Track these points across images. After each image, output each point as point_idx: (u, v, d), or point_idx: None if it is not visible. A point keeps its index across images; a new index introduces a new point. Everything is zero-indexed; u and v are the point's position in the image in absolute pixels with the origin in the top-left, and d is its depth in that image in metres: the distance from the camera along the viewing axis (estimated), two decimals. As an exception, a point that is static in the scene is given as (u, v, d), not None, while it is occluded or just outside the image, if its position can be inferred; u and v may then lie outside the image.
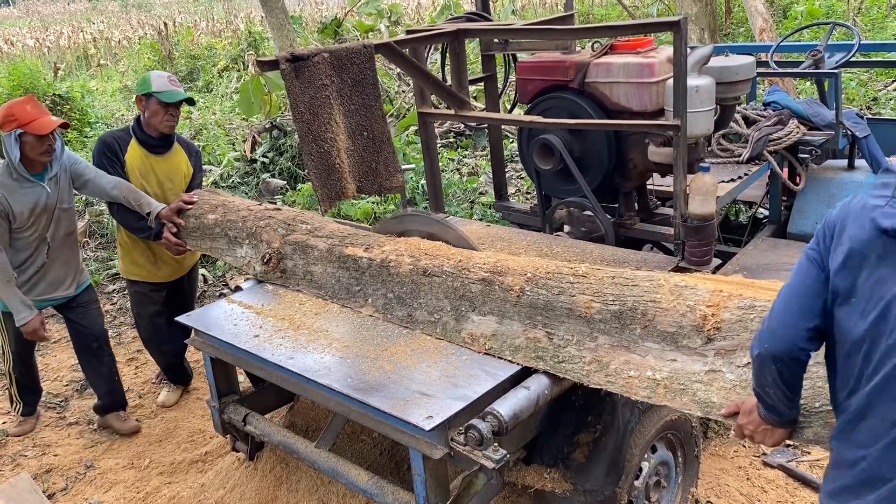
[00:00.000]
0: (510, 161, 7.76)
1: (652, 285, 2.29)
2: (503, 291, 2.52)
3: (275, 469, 3.21)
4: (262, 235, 3.28)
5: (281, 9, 6.58)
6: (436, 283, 2.69)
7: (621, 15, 14.44)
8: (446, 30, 3.78)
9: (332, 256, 3.03)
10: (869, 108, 8.43)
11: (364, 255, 2.93)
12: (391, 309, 2.82)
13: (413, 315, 2.75)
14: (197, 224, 3.60)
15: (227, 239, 3.46)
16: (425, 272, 2.73)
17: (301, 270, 3.14)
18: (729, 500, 3.16)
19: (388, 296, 2.83)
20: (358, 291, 2.93)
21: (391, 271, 2.82)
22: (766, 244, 4.41)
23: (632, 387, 2.21)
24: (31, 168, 3.57)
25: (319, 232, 3.15)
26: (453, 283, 2.64)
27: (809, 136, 4.34)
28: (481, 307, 2.58)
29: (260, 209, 3.44)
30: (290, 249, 3.18)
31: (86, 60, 19.52)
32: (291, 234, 3.21)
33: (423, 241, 2.91)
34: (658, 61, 3.44)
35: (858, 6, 12.94)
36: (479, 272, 2.60)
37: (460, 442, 2.22)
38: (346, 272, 2.98)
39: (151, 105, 3.76)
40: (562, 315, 2.39)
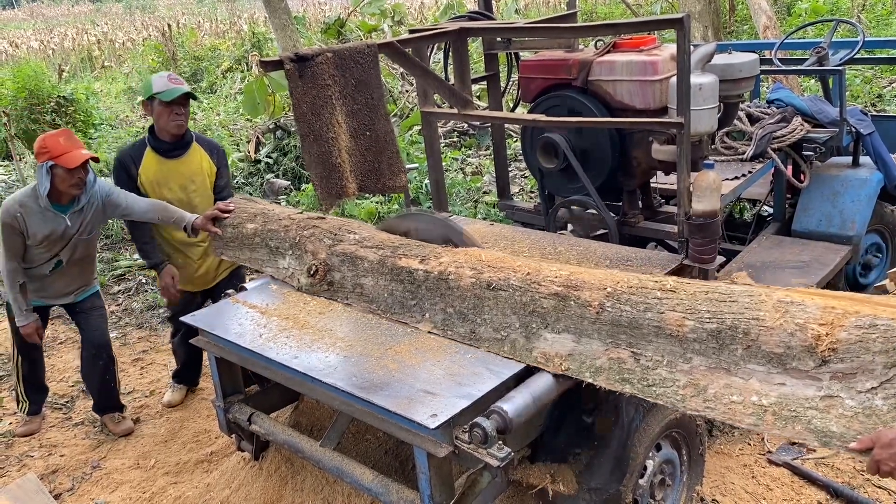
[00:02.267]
0: (514, 160, 7.76)
1: (753, 301, 2.11)
2: (580, 307, 2.34)
3: (280, 468, 3.21)
4: (307, 246, 3.13)
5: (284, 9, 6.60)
6: (502, 298, 2.52)
7: (625, 13, 14.42)
8: (449, 29, 3.78)
9: (384, 268, 2.86)
10: (874, 106, 8.40)
11: (419, 268, 2.76)
12: (452, 325, 2.65)
13: (477, 332, 2.58)
14: (235, 233, 3.46)
15: (268, 249, 3.31)
16: (489, 286, 2.55)
17: (350, 283, 2.98)
18: (734, 498, 3.15)
19: (448, 311, 2.66)
20: (414, 306, 2.76)
21: (451, 284, 2.65)
22: (771, 242, 4.41)
23: (735, 413, 2.04)
24: (59, 200, 3.63)
25: (369, 242, 2.99)
26: (522, 298, 2.47)
27: (813, 133, 4.34)
28: (555, 324, 2.40)
29: (302, 218, 3.30)
30: (337, 261, 3.03)
31: (90, 62, 19.58)
32: (338, 244, 3.05)
33: (483, 252, 2.75)
34: (661, 59, 3.43)
35: (863, 3, 12.89)
36: (551, 286, 2.43)
37: (465, 440, 2.22)
38: (400, 285, 2.80)
39: (156, 107, 3.75)
40: (649, 334, 2.22)
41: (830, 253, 4.19)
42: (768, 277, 3.97)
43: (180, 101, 3.74)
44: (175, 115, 3.75)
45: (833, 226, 4.31)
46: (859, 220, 4.27)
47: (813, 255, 4.19)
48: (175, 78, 3.81)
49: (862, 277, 4.65)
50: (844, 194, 4.34)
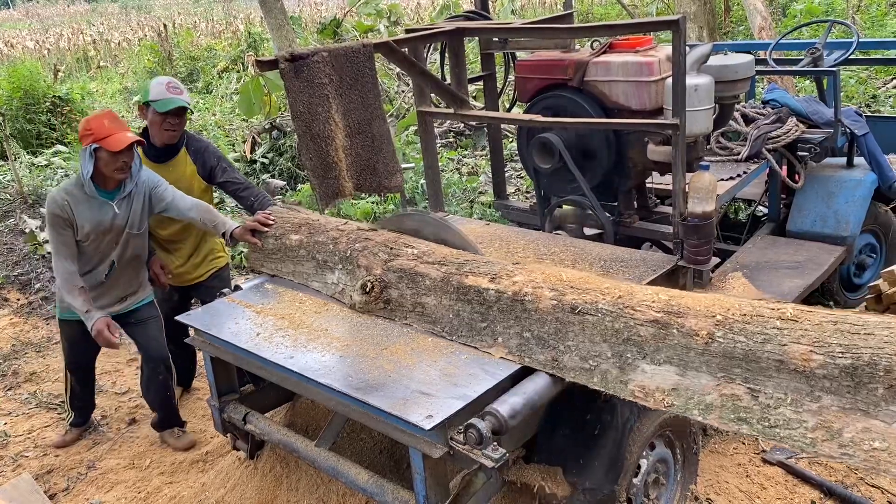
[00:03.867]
0: (510, 160, 7.77)
1: (892, 334, 1.90)
2: (684, 336, 2.14)
3: (275, 468, 3.21)
4: (360, 260, 2.93)
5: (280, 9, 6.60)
6: (589, 323, 2.31)
7: (620, 14, 14.45)
8: (445, 28, 3.79)
9: (449, 287, 2.66)
10: (868, 106, 8.43)
11: (490, 287, 2.56)
12: (529, 351, 2.44)
13: (560, 360, 2.37)
14: (278, 245, 3.27)
15: (315, 263, 3.12)
16: (574, 309, 2.35)
17: (409, 302, 2.78)
18: (728, 497, 3.16)
19: (525, 335, 2.45)
20: (484, 329, 2.56)
21: (527, 307, 2.45)
22: (766, 242, 4.42)
23: (879, 462, 1.85)
24: (104, 185, 3.44)
25: (429, 257, 2.81)
26: (614, 324, 2.26)
27: (808, 133, 4.36)
28: (654, 355, 2.19)
29: (352, 229, 3.11)
30: (394, 277, 2.83)
31: (86, 62, 19.54)
32: (395, 259, 2.86)
33: (563, 271, 2.56)
34: (657, 60, 3.44)
35: (858, 4, 12.93)
36: (649, 312, 2.22)
37: (460, 441, 2.22)
38: (468, 305, 2.60)
39: (150, 114, 3.69)
40: (769, 368, 2.01)
41: (825, 253, 4.21)
42: (763, 278, 3.99)
43: (175, 112, 3.67)
44: (168, 124, 3.69)
45: (827, 226, 4.32)
46: (853, 220, 4.29)
47: (807, 255, 4.21)
48: (174, 87, 3.72)
49: (856, 278, 4.67)
50: (839, 195, 4.35)
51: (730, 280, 3.96)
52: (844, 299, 4.57)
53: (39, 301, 6.10)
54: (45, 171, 8.86)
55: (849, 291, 4.64)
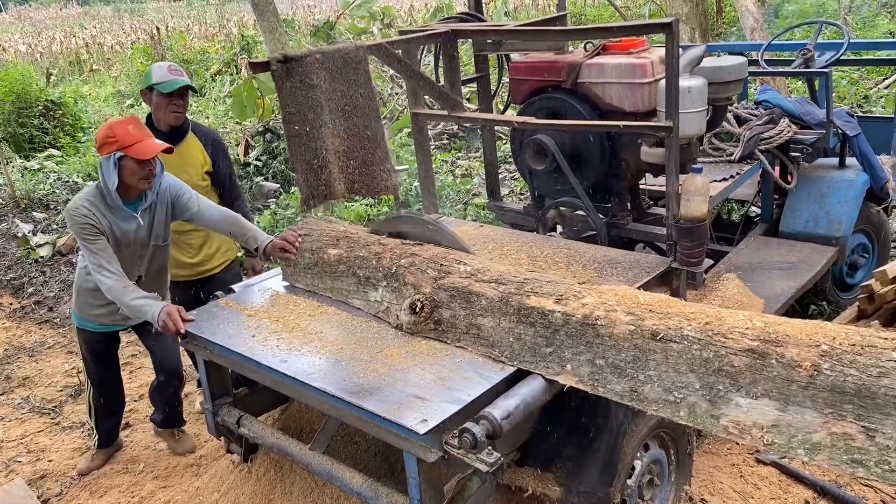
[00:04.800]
0: (504, 162, 7.77)
1: None
2: (785, 368, 1.97)
3: (269, 472, 3.20)
4: (407, 277, 2.78)
5: (272, 12, 6.58)
6: (673, 352, 2.14)
7: (613, 15, 14.47)
8: (439, 30, 3.79)
9: (509, 308, 2.49)
10: (860, 107, 8.46)
11: (557, 309, 2.39)
12: (603, 379, 2.28)
13: (639, 390, 2.21)
14: (314, 259, 3.13)
15: (356, 279, 2.97)
16: (656, 336, 2.18)
17: (463, 323, 2.61)
18: (723, 497, 3.16)
19: (598, 363, 2.29)
20: (550, 354, 2.39)
21: (600, 331, 2.29)
22: (759, 243, 4.43)
23: None
24: (126, 196, 3.23)
25: (484, 275, 2.64)
26: (702, 353, 2.09)
27: (800, 134, 4.37)
28: (750, 387, 2.02)
29: (395, 244, 2.97)
30: (446, 296, 2.66)
31: (78, 66, 19.47)
32: (446, 276, 2.70)
33: (639, 293, 2.39)
34: (650, 62, 3.45)
35: (849, 5, 12.98)
36: (743, 340, 2.05)
37: (454, 445, 2.21)
38: (531, 328, 2.43)
39: (154, 98, 3.67)
40: (886, 405, 1.84)
41: (817, 254, 4.22)
42: (756, 279, 4.00)
43: (179, 92, 3.66)
44: (174, 105, 3.67)
45: (820, 227, 4.34)
46: (846, 220, 4.30)
47: (800, 256, 4.22)
48: (175, 69, 3.72)
49: (849, 278, 4.69)
50: (831, 195, 4.37)
51: (723, 281, 3.97)
52: (837, 299, 4.58)
53: (32, 305, 6.09)
54: (38, 175, 8.83)
55: (842, 291, 4.65)
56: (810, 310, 4.50)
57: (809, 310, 4.50)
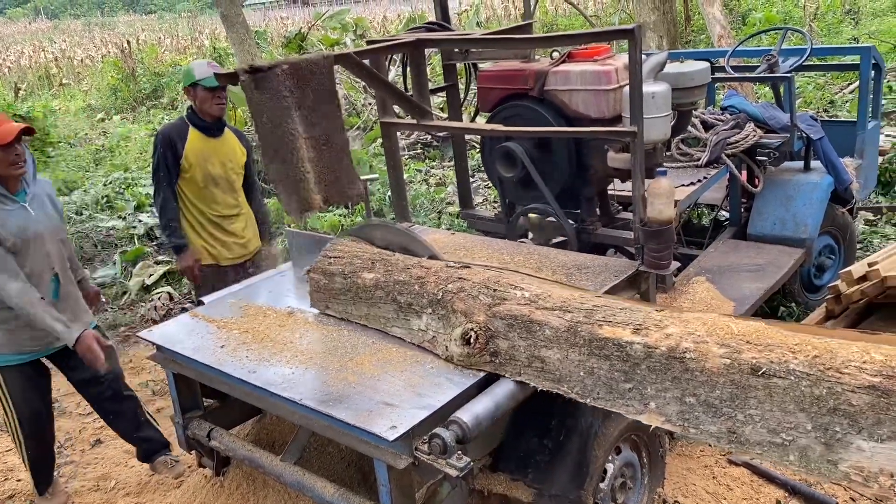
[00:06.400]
0: (477, 171, 7.80)
1: None
2: None
3: (242, 485, 3.18)
4: (456, 304, 2.55)
5: (242, 24, 6.57)
6: (778, 389, 1.93)
7: (584, 25, 14.61)
8: (406, 40, 3.80)
9: (578, 339, 2.28)
10: (826, 111, 8.61)
11: (635, 340, 2.18)
12: (695, 420, 2.06)
13: (739, 431, 1.99)
14: (347, 284, 2.90)
15: (397, 306, 2.74)
16: (757, 371, 1.96)
17: (524, 356, 2.39)
18: (696, 499, 3.19)
19: (688, 401, 2.07)
20: (630, 391, 2.18)
21: (689, 365, 2.06)
22: (727, 246, 4.49)
23: None
24: (6, 185, 3.14)
25: (546, 302, 2.42)
26: (814, 391, 1.88)
27: (766, 138, 4.43)
28: (874, 429, 1.80)
29: (440, 267, 2.74)
30: (502, 325, 2.44)
31: (48, 80, 19.28)
32: (502, 303, 2.47)
33: (732, 322, 2.16)
34: (615, 69, 3.48)
35: (814, 12, 13.23)
36: (862, 375, 1.83)
37: (424, 451, 2.21)
38: (606, 362, 2.21)
39: (199, 93, 3.95)
40: None
41: (785, 256, 4.28)
42: (725, 281, 4.05)
43: (222, 86, 3.94)
44: (217, 98, 3.96)
45: (787, 229, 4.40)
46: (812, 222, 4.37)
47: (768, 258, 4.28)
48: (214, 65, 3.99)
49: (816, 279, 4.76)
50: (797, 198, 4.43)
51: (693, 284, 4.02)
52: (806, 300, 4.65)
53: None
54: (6, 190, 8.71)
55: (809, 293, 4.72)
56: (780, 311, 4.56)
57: (779, 311, 4.56)
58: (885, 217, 5.94)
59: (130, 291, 6.17)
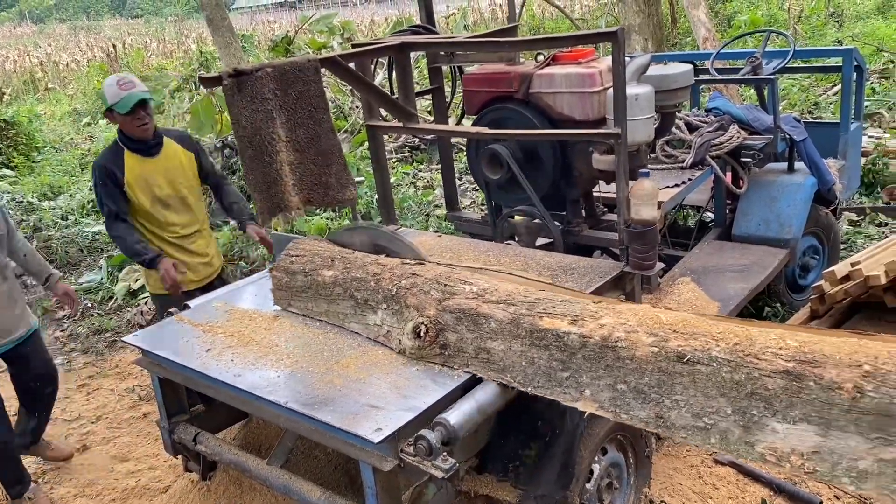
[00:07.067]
0: (465, 173, 7.81)
1: None
2: (824, 391, 1.84)
3: (228, 490, 3.16)
4: (408, 299, 2.64)
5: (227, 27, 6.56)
6: (701, 375, 2.00)
7: (571, 28, 14.67)
8: (391, 43, 3.81)
9: (520, 330, 2.36)
10: (810, 113, 8.67)
11: (572, 331, 2.26)
12: (626, 406, 2.14)
13: (666, 416, 2.07)
14: (308, 282, 2.98)
15: (354, 302, 2.82)
16: (682, 358, 2.04)
17: (471, 347, 2.47)
18: (682, 498, 3.20)
19: (620, 388, 2.15)
20: (566, 379, 2.26)
21: (620, 354, 2.15)
22: (712, 247, 4.52)
23: None
24: None
25: (492, 295, 2.51)
26: (733, 376, 1.95)
27: (750, 140, 4.46)
28: (787, 411, 1.88)
29: (395, 264, 2.84)
30: (451, 319, 2.52)
31: (33, 84, 19.17)
32: (451, 297, 2.56)
33: (661, 312, 2.26)
34: (598, 71, 3.50)
35: (799, 15, 13.34)
36: (777, 360, 1.91)
37: (410, 453, 2.21)
38: (545, 352, 2.30)
39: (117, 118, 3.59)
40: None
41: (769, 256, 4.31)
42: (710, 282, 4.07)
43: (138, 106, 3.55)
44: (137, 121, 3.58)
45: (771, 230, 4.43)
46: (796, 223, 4.40)
47: (752, 258, 4.31)
48: (125, 82, 3.57)
49: (801, 279, 4.79)
50: (781, 199, 4.47)
51: (678, 285, 4.04)
52: (790, 300, 4.68)
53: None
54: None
55: (794, 293, 4.75)
56: (765, 311, 4.59)
57: (764, 311, 4.59)
58: (869, 217, 6.00)
59: (116, 296, 6.14)
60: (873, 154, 6.69)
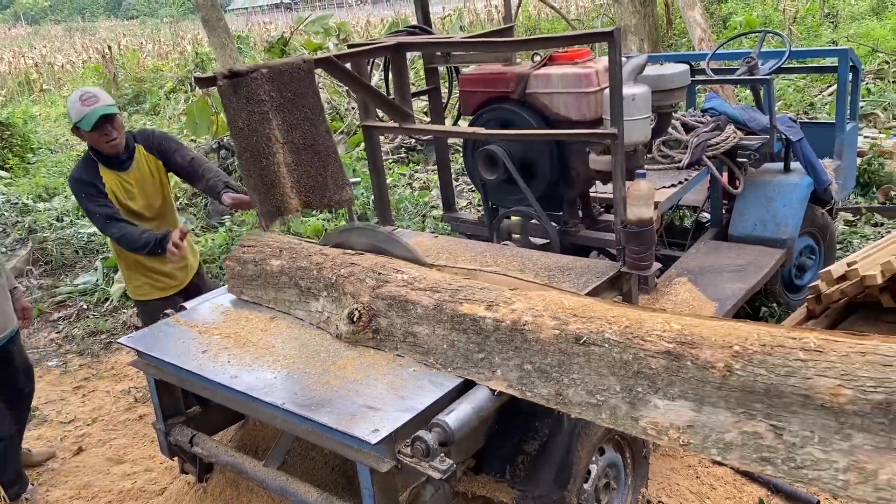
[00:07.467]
0: (462, 174, 7.81)
1: None
2: (699, 369, 1.98)
3: (225, 491, 3.15)
4: (346, 287, 2.79)
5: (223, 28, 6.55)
6: (595, 355, 2.17)
7: (566, 28, 14.68)
8: (387, 43, 3.80)
9: (443, 315, 2.51)
10: (806, 113, 8.69)
11: (487, 315, 2.42)
12: (530, 384, 2.29)
13: (564, 394, 2.22)
14: (257, 271, 3.13)
15: (298, 290, 2.97)
16: (578, 339, 2.20)
17: (400, 332, 2.63)
18: (679, 499, 3.20)
19: (526, 367, 2.31)
20: (481, 360, 2.41)
21: (528, 336, 2.31)
22: (709, 247, 4.52)
23: None
24: None
25: (420, 283, 2.65)
26: (622, 356, 2.11)
27: (746, 140, 4.47)
28: (667, 389, 2.03)
29: (337, 254, 2.99)
30: (383, 305, 2.67)
31: (28, 86, 19.12)
32: (384, 285, 2.71)
33: (566, 298, 2.42)
34: (595, 71, 3.49)
35: (794, 16, 13.37)
36: (661, 342, 2.07)
37: (407, 454, 2.21)
38: (464, 335, 2.45)
39: (84, 135, 3.47)
40: (793, 404, 1.86)
41: (766, 256, 4.32)
42: (707, 282, 4.07)
43: (103, 122, 3.41)
44: (105, 136, 3.46)
45: (767, 230, 4.44)
46: (792, 223, 4.41)
47: (749, 258, 4.31)
48: (88, 97, 3.42)
49: (797, 279, 4.80)
50: (777, 199, 4.47)
51: (675, 285, 4.04)
52: (787, 300, 4.68)
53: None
54: (-14, 197, 8.63)
55: (791, 293, 4.76)
56: (761, 311, 4.59)
57: (760, 311, 4.59)
58: (864, 217, 6.01)
59: (112, 298, 6.12)
60: (869, 154, 6.71)
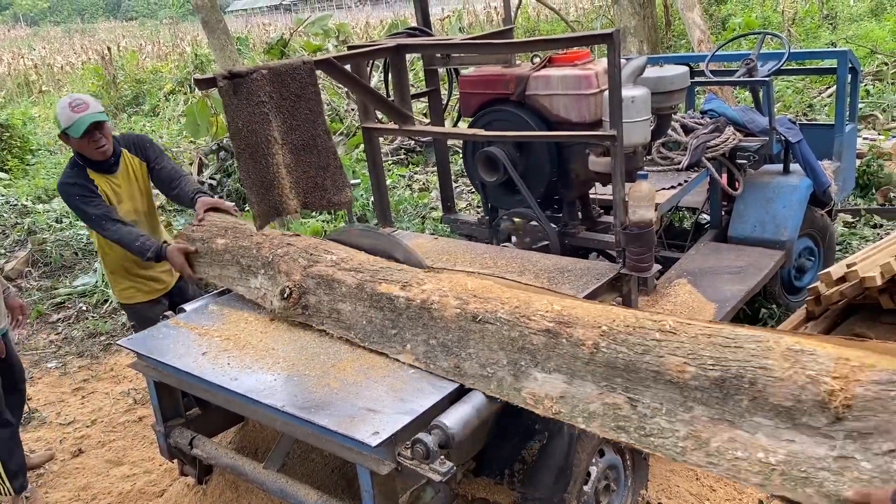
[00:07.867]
0: (461, 176, 7.81)
1: (759, 348, 1.94)
2: (572, 346, 2.19)
3: (224, 493, 3.15)
4: (281, 266, 2.98)
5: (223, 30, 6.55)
6: (489, 332, 2.37)
7: (566, 30, 14.68)
8: (386, 45, 3.80)
9: (363, 294, 2.70)
10: (805, 115, 8.70)
11: (401, 294, 2.61)
12: (434, 358, 2.49)
13: (461, 367, 2.42)
14: (205, 249, 3.35)
15: (239, 267, 3.17)
16: (475, 318, 2.41)
17: (326, 308, 2.82)
18: (679, 500, 3.20)
19: (431, 343, 2.51)
20: (394, 335, 2.61)
21: (434, 314, 2.50)
22: (708, 249, 4.52)
23: (740, 471, 1.89)
24: None
25: (347, 264, 2.84)
26: (510, 333, 2.32)
27: (745, 142, 4.47)
28: (545, 363, 2.25)
29: (276, 234, 3.20)
30: (312, 283, 2.87)
31: (27, 87, 19.12)
32: (314, 265, 2.90)
33: (470, 280, 2.60)
34: (595, 73, 3.49)
35: (793, 17, 13.38)
36: (542, 321, 2.28)
37: (407, 456, 2.21)
38: (380, 312, 2.65)
39: (72, 141, 3.46)
40: (647, 379, 2.06)
41: (765, 258, 4.32)
42: (706, 283, 4.07)
43: (92, 129, 3.41)
44: (93, 143, 3.45)
45: (767, 231, 4.44)
46: (791, 225, 4.41)
47: (748, 260, 4.31)
48: (77, 104, 3.41)
49: (797, 280, 4.80)
50: (776, 201, 4.47)
51: (674, 286, 4.04)
52: (787, 302, 4.68)
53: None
54: (-15, 198, 8.63)
55: (790, 294, 4.76)
56: (761, 313, 4.59)
57: (760, 313, 4.59)
58: (864, 219, 6.02)
59: (111, 300, 6.12)
60: (868, 156, 6.72)
